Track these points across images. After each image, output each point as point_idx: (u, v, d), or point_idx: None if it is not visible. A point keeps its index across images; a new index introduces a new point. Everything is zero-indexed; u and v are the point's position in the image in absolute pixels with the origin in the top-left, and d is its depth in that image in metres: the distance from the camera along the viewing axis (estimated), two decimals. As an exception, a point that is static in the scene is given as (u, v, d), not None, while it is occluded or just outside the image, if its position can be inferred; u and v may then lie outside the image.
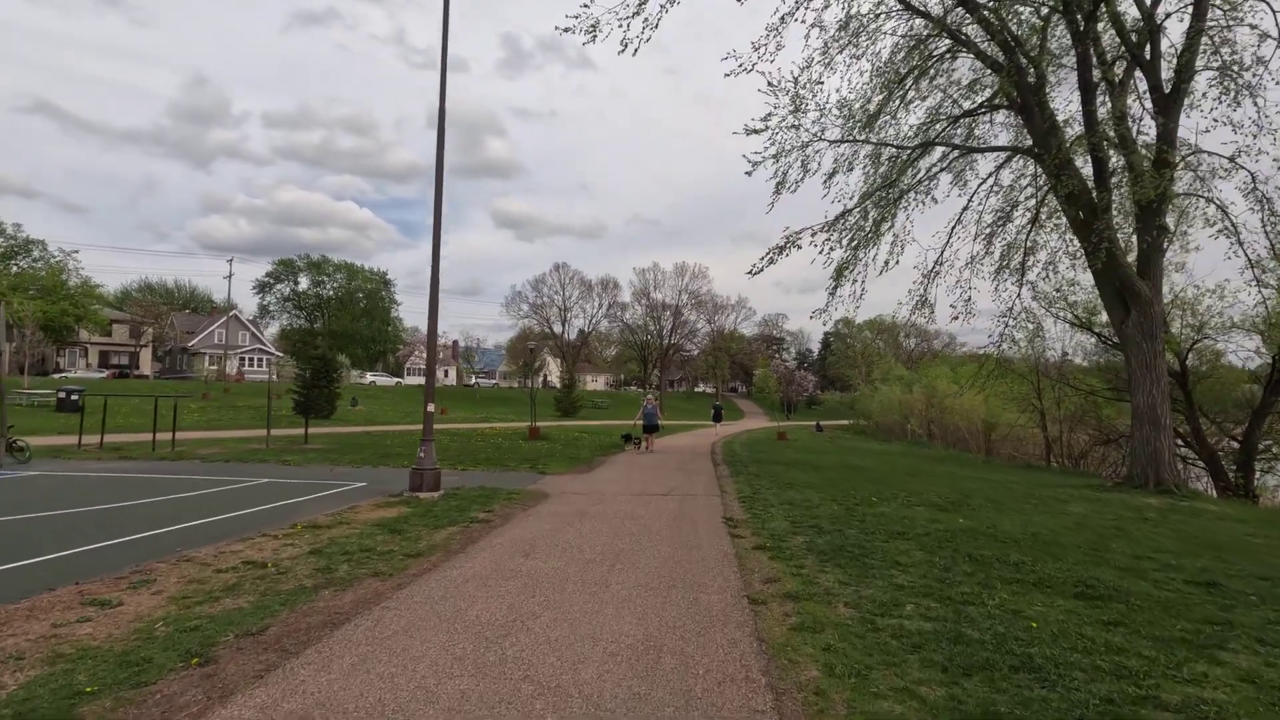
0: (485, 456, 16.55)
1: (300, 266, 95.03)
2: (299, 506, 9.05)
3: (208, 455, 15.63)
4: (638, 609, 4.72)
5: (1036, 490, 13.16)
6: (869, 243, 17.86)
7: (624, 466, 15.05)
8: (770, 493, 10.97)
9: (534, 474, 13.30)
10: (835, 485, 12.33)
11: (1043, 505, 10.79)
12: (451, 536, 7.13)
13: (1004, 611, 4.79)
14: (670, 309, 72.17)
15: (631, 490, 11.06)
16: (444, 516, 8.21)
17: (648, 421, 19.83)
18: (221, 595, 4.92)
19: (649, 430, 19.76)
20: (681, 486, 11.69)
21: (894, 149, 17.96)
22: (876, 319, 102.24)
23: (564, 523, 8.03)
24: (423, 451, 9.81)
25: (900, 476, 14.79)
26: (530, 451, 18.51)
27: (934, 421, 33.44)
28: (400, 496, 9.69)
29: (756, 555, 6.46)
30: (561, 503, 9.63)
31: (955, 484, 13.68)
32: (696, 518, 8.52)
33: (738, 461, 16.82)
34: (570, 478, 12.84)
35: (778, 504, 9.70)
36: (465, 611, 4.61)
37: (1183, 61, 12.32)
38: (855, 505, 9.78)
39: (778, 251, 15.60)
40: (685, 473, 14.06)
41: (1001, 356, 19.31)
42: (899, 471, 16.23)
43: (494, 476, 12.71)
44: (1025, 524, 8.69)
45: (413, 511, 8.56)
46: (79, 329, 64.00)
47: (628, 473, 13.83)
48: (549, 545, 6.73)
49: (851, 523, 8.26)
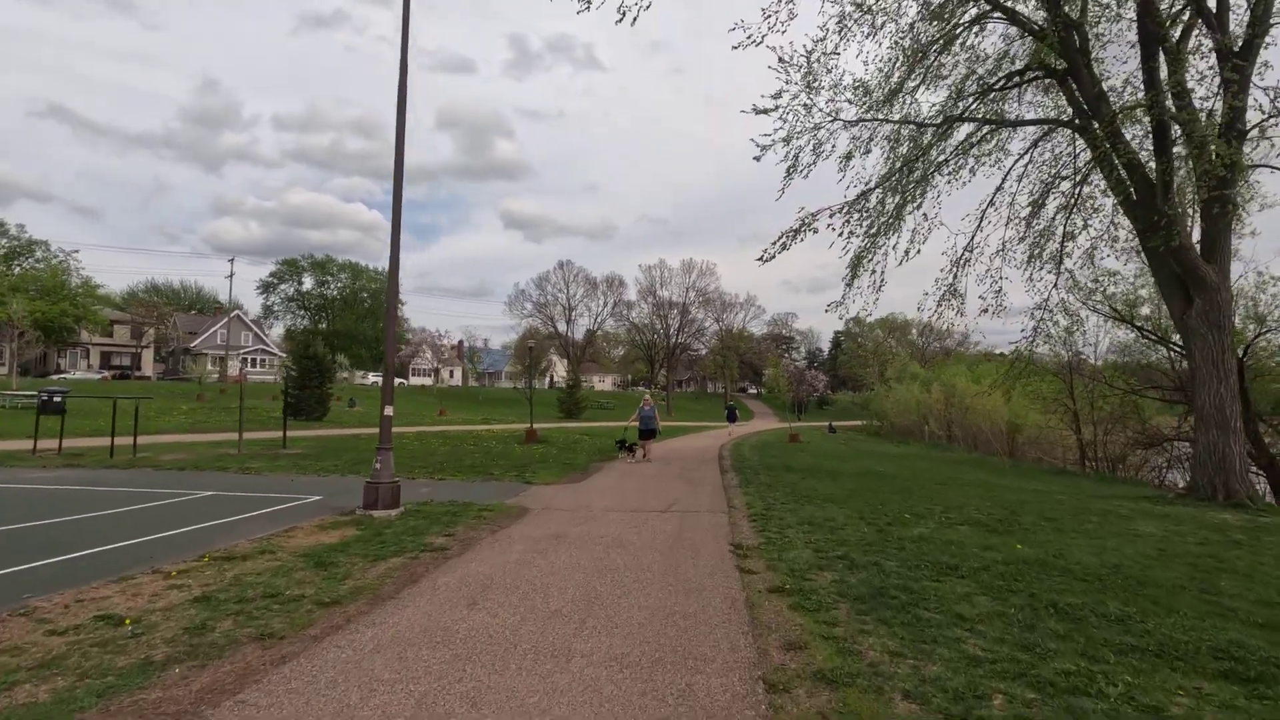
0: (471, 463, 15.15)
1: (304, 266, 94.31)
2: (231, 528, 7.66)
3: (168, 462, 14.32)
4: (606, 705, 3.27)
5: (1089, 503, 11.58)
6: (889, 229, 16.32)
7: (621, 475, 13.59)
8: (786, 508, 9.47)
9: (519, 484, 11.88)
10: (859, 497, 10.82)
11: (1105, 524, 9.22)
12: (389, 572, 5.70)
13: (1136, 710, 3.30)
14: (677, 307, 70.59)
15: (625, 505, 9.61)
16: (392, 543, 6.79)
17: (644, 425, 17.15)
18: (26, 677, 3.51)
19: (646, 435, 17.20)
20: (683, 500, 10.22)
21: (915, 127, 16.41)
22: (889, 317, 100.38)
23: (535, 551, 6.58)
24: (378, 462, 8.40)
25: (929, 485, 13.25)
26: (523, 456, 17.10)
27: (954, 422, 31.75)
28: (351, 515, 8.28)
29: (773, 602, 4.98)
30: (540, 522, 8.18)
31: (993, 495, 12.13)
32: (698, 544, 7.05)
33: (748, 468, 15.32)
34: (559, 489, 11.39)
35: (795, 524, 8.21)
36: (353, 711, 3.17)
37: (1258, 12, 10.74)
38: (887, 525, 8.27)
39: (792, 235, 14.11)
40: (689, 482, 12.59)
41: (1032, 353, 17.69)
42: (926, 479, 14.68)
43: (472, 488, 11.29)
44: (1099, 552, 7.15)
45: (358, 535, 7.14)
46: (80, 330, 63.38)
47: (624, 482, 12.38)
48: (507, 586, 5.29)
49: (887, 550, 6.76)
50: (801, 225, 14.05)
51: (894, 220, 16.02)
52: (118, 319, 70.02)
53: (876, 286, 16.73)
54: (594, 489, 11.39)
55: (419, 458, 16.09)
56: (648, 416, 17.25)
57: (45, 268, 64.16)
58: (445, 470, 13.44)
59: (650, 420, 17.24)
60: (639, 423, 17.27)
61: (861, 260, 16.43)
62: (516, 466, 14.47)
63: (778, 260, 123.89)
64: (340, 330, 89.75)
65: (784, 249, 14.25)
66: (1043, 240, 16.23)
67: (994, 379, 31.96)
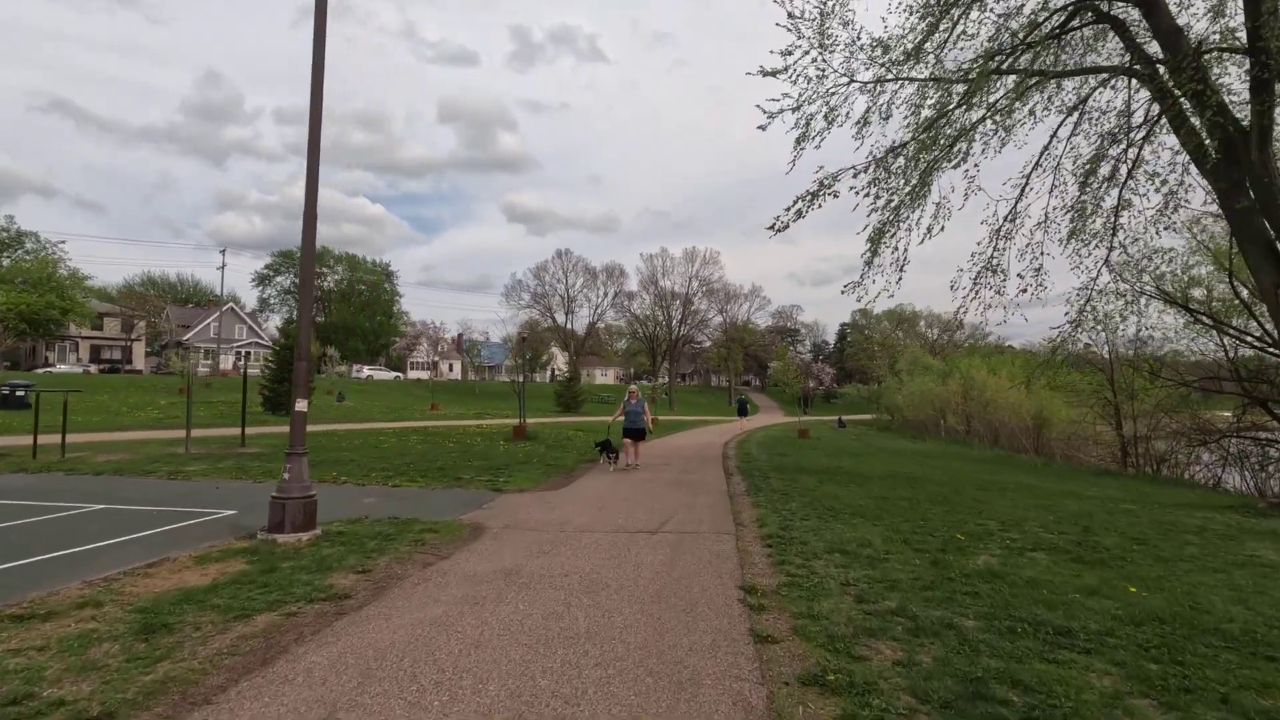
0: (444, 464, 13.35)
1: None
2: (90, 558, 5.86)
3: (96, 465, 12.55)
4: None
5: (1167, 515, 9.69)
6: (915, 198, 14.42)
7: (611, 481, 11.75)
8: (806, 525, 7.62)
9: (488, 492, 10.06)
10: (892, 509, 8.96)
11: (1210, 547, 7.34)
12: (241, 643, 3.87)
13: None
14: (680, 298, 68.56)
15: (608, 522, 7.77)
16: (280, 585, 4.97)
17: (630, 424, 13.71)
18: None
19: (633, 435, 13.79)
20: (680, 515, 8.37)
21: (944, 86, 14.44)
22: (897, 309, 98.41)
23: (470, 601, 4.75)
24: (287, 471, 6.56)
25: (968, 491, 11.38)
26: (505, 456, 15.30)
27: (973, 416, 29.82)
28: (252, 540, 6.45)
29: (811, 708, 3.13)
30: (493, 549, 6.35)
31: (1049, 504, 10.25)
32: (696, 587, 5.20)
33: (756, 471, 13.47)
34: (533, 498, 9.56)
35: (823, 550, 6.36)
36: None
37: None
38: (940, 552, 6.41)
39: (810, 200, 12.21)
40: (688, 489, 10.73)
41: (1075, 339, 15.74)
42: (961, 482, 12.81)
43: (430, 497, 9.47)
44: (1242, 597, 5.27)
45: (240, 573, 5.33)
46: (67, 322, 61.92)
47: (612, 490, 10.53)
48: (400, 675, 3.45)
49: (956, 597, 4.90)
50: (820, 188, 12.15)
51: (920, 189, 14.11)
52: (107, 311, 68.50)
53: (899, 265, 14.81)
54: (575, 499, 9.55)
55: (387, 458, 14.29)
56: (634, 413, 13.78)
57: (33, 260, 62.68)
58: (409, 474, 11.63)
59: (637, 418, 13.76)
60: (624, 419, 13.88)
61: (883, 234, 14.55)
62: (494, 469, 12.67)
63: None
64: (336, 323, 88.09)
65: (799, 216, 12.35)
66: (1092, 209, 14.28)
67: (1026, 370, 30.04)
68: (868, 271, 15.04)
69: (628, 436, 13.87)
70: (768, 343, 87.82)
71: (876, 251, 14.91)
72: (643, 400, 14.07)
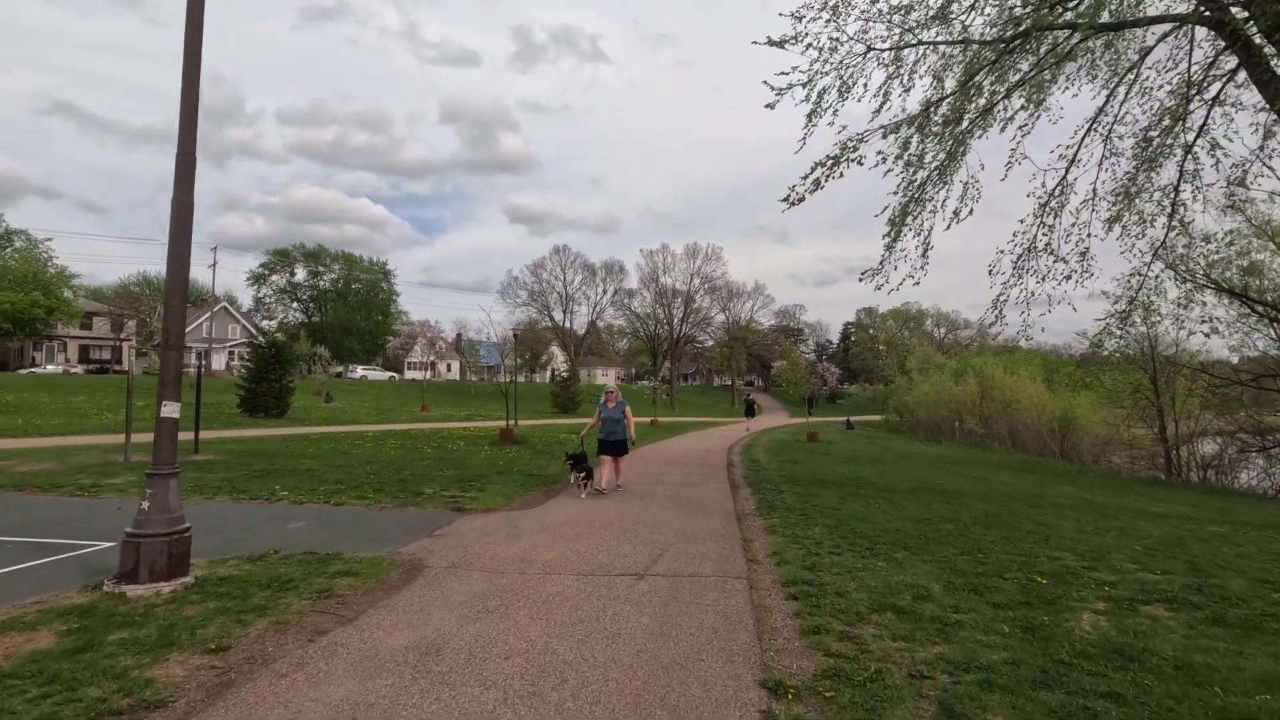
0: (409, 475, 11.71)
1: (296, 257, 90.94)
2: None
3: (17, 474, 10.92)
4: None
5: (1268, 541, 7.98)
6: (944, 174, 12.76)
7: (594, 499, 10.08)
8: (839, 564, 5.94)
9: (448, 512, 8.39)
10: (939, 536, 7.27)
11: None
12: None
13: None
14: (681, 295, 66.77)
15: (582, 559, 6.09)
16: (62, 685, 3.31)
17: (608, 434, 10.35)
18: None
19: (612, 450, 10.37)
20: (676, 547, 6.68)
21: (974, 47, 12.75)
22: (903, 307, 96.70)
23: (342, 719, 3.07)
24: (147, 500, 4.90)
25: (1019, 509, 9.69)
26: (484, 464, 13.66)
27: (993, 418, 28.04)
28: (95, 593, 4.79)
29: None
30: (419, 608, 4.67)
31: (1121, 526, 8.54)
32: (695, 688, 3.51)
33: (767, 483, 11.79)
34: (499, 521, 7.88)
35: (869, 609, 4.67)
36: None
37: None
38: (1025, 607, 4.73)
39: (830, 166, 10.52)
40: (687, 509, 9.05)
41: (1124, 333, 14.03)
42: (1005, 496, 11.12)
43: (371, 520, 7.80)
44: None
45: (32, 656, 3.66)
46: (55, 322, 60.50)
47: (596, 511, 8.85)
48: None
49: (1088, 702, 3.22)
50: (842, 151, 10.45)
51: (949, 165, 12.45)
52: (96, 311, 67.09)
53: (923, 249, 13.16)
54: (549, 522, 7.87)
55: (349, 468, 12.63)
56: (612, 419, 10.30)
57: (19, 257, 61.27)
58: (362, 488, 9.97)
59: (616, 425, 10.30)
60: (600, 429, 10.47)
61: (906, 215, 12.91)
62: (465, 480, 11.02)
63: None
64: (332, 322, 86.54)
65: (817, 187, 10.65)
66: (1146, 186, 12.58)
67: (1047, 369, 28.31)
68: (888, 257, 13.38)
69: (605, 452, 10.34)
70: (771, 342, 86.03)
71: (899, 235, 13.29)
72: (624, 403, 10.43)
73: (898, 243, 13.48)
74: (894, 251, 13.49)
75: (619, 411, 10.36)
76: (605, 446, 10.36)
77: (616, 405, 10.38)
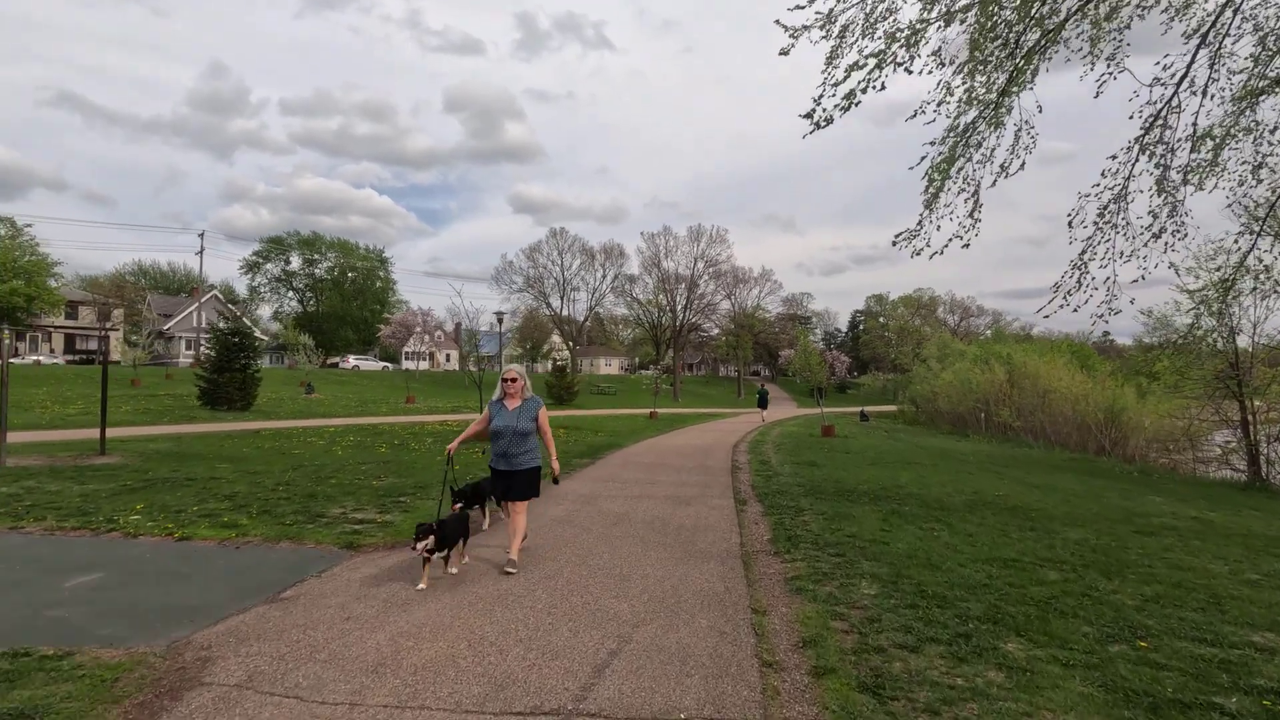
0: (335, 484, 9.30)
1: (290, 245, 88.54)
2: None
3: None
4: None
5: None
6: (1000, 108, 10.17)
7: (560, 523, 7.59)
8: (923, 675, 3.42)
9: (333, 550, 5.92)
10: (1052, 599, 4.74)
11: None
12: None
13: None
14: (685, 281, 63.94)
15: (478, 667, 3.59)
16: None
17: (506, 460, 5.52)
18: None
19: (515, 488, 5.54)
20: (644, 630, 4.15)
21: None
22: (914, 294, 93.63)
23: None
24: None
25: (1128, 537, 7.14)
26: (430, 472, 11.21)
27: (1030, 410, 25.32)
28: None
29: None
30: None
31: None
32: None
33: (781, 494, 9.25)
34: (393, 568, 5.37)
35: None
36: None
37: None
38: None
39: (875, 66, 7.89)
40: (671, 544, 6.53)
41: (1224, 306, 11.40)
42: (1099, 518, 8.54)
43: (207, 565, 5.31)
44: None
45: None
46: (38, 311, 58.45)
47: (552, 554, 6.35)
48: None
49: None
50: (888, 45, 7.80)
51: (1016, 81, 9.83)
52: (82, 300, 65.08)
53: (973, 204, 10.58)
54: (454, 581, 5.38)
55: (262, 477, 10.17)
56: (514, 432, 5.47)
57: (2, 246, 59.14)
58: (250, 509, 7.49)
59: (519, 443, 5.49)
60: (490, 442, 5.66)
61: (955, 156, 10.38)
62: (395, 494, 8.59)
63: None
64: (327, 311, 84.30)
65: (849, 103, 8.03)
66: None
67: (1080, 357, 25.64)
68: (928, 215, 10.82)
69: (504, 492, 5.63)
70: (779, 330, 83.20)
71: (942, 186, 10.74)
72: (535, 402, 5.64)
73: (940, 197, 10.96)
74: (935, 209, 10.97)
75: (527, 417, 5.47)
76: (502, 481, 5.55)
77: (523, 406, 5.52)
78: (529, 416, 5.51)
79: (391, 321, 71.38)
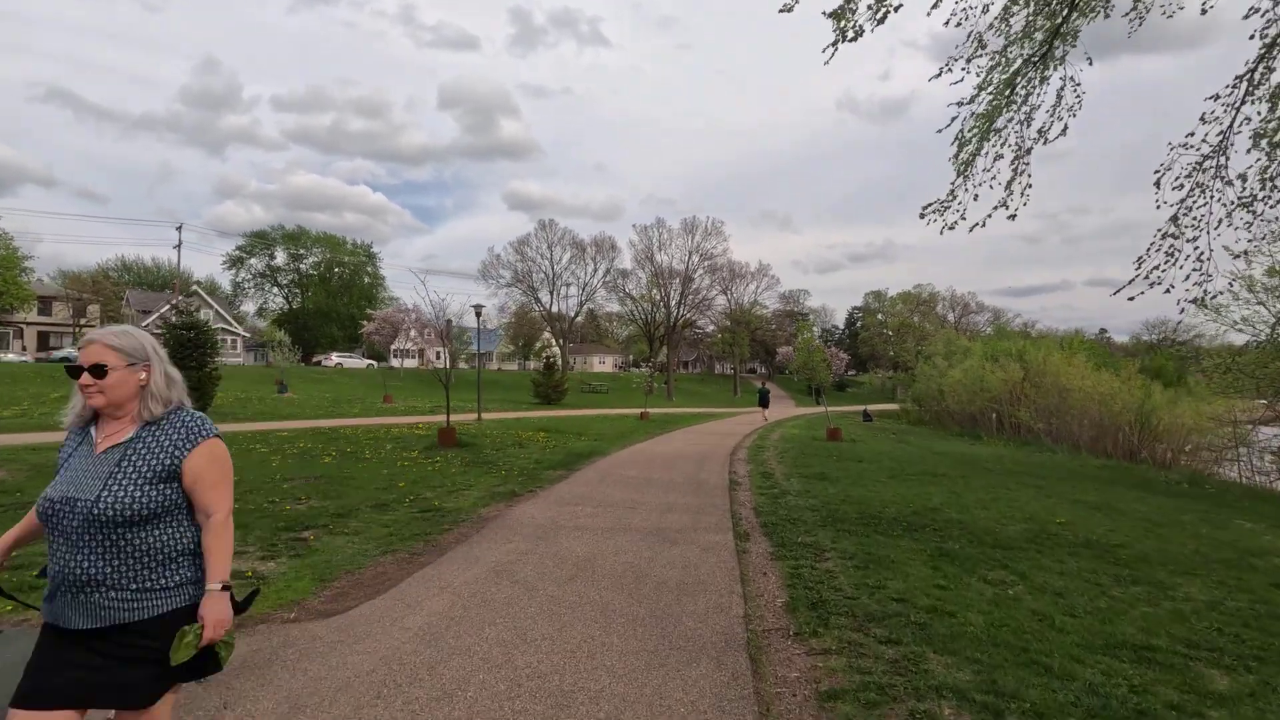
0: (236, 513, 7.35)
1: (275, 239, 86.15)
2: None
3: None
4: None
5: None
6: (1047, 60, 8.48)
7: (496, 575, 5.70)
8: None
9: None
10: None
11: None
12: None
13: None
14: (679, 275, 61.97)
15: None
16: None
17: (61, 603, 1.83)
18: None
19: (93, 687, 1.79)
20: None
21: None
22: (914, 290, 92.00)
23: None
24: None
25: (1265, 591, 5.33)
26: (379, 484, 9.32)
27: (1050, 411, 23.52)
28: None
29: None
30: None
31: None
32: None
33: (792, 524, 7.36)
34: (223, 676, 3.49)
35: None
36: None
37: None
38: None
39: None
40: (641, 614, 4.64)
41: None
42: (1209, 560, 6.71)
43: None
44: None
45: None
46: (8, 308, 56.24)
47: (453, 626, 4.47)
48: None
49: None
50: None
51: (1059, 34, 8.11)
52: (54, 295, 62.80)
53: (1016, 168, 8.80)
54: (341, 665, 3.49)
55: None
56: (80, 520, 1.82)
57: (-25, 241, 56.78)
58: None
59: (100, 536, 1.82)
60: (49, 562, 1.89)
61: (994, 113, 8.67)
62: (310, 523, 6.72)
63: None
64: (312, 308, 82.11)
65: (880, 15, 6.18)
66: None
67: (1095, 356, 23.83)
68: (961, 183, 9.04)
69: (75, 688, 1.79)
70: (775, 327, 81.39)
71: (980, 148, 9.00)
72: (192, 427, 2.02)
73: (976, 161, 9.22)
74: (970, 175, 9.21)
75: (142, 474, 1.92)
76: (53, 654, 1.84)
77: (136, 441, 1.97)
78: (152, 471, 1.94)
79: (375, 318, 69.20)
